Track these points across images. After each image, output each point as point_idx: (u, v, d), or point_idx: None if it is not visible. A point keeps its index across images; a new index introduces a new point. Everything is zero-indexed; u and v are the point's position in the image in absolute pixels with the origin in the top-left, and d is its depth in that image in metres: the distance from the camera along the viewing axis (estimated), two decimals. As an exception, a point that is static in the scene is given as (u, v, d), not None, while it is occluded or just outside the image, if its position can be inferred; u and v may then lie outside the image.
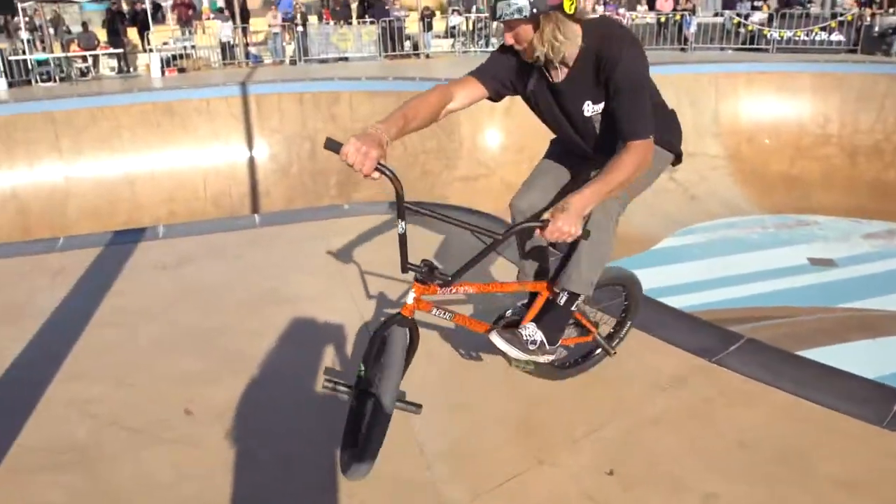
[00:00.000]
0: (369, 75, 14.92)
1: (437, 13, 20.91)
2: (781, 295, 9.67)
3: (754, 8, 17.10)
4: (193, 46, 18.12)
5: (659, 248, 11.33)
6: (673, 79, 14.52)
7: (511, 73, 2.39)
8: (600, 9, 17.93)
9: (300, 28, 17.93)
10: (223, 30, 18.07)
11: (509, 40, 2.20)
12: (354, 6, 19.40)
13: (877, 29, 15.34)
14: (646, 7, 18.61)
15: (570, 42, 2.17)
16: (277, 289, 4.04)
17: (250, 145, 14.26)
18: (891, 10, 16.32)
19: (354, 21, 18.58)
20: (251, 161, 14.19)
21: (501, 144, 12.54)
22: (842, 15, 15.93)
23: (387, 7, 18.31)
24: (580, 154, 2.52)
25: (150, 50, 17.06)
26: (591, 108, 2.31)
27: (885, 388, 2.94)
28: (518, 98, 2.50)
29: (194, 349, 3.35)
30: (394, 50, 17.99)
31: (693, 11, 17.46)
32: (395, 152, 13.71)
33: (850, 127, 13.79)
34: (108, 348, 3.40)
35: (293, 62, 17.90)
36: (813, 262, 10.60)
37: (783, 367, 3.06)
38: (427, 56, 18.51)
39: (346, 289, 3.94)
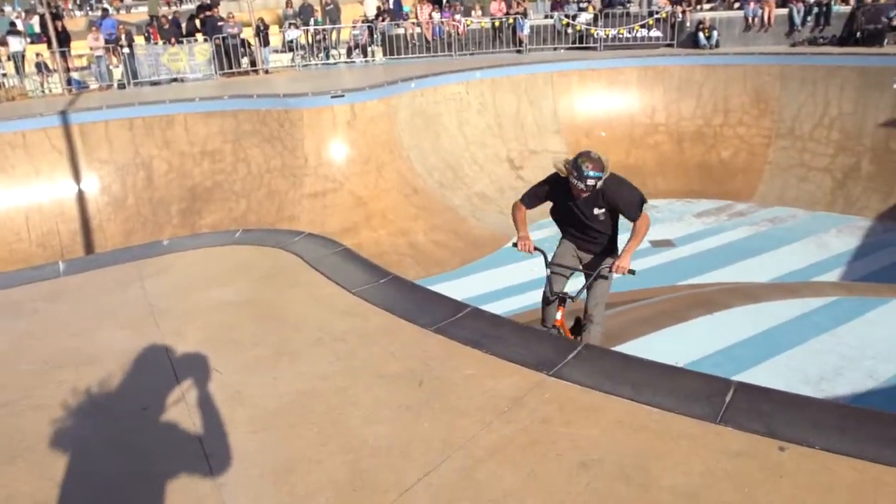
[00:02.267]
0: (204, 95, 14.09)
1: (275, 27, 20.21)
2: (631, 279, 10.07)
3: (580, 9, 17.89)
4: (4, 74, 16.38)
5: (510, 246, 11.46)
6: (512, 80, 14.88)
7: (546, 195, 4.25)
8: (437, 16, 18.05)
9: (126, 49, 16.67)
10: (12, 45, 16.50)
11: (584, 193, 3.86)
12: (184, 24, 18.32)
13: (688, 25, 16.52)
14: (480, 13, 18.94)
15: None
16: (79, 348, 3.53)
17: (77, 179, 13.04)
18: (699, 7, 17.62)
19: (185, 40, 17.54)
20: (80, 196, 12.96)
21: (348, 157, 12.21)
22: (657, 13, 17.03)
23: (219, 23, 17.43)
24: (581, 230, 4.33)
25: (-51, 81, 15.23)
26: (597, 212, 4.11)
27: (717, 380, 2.94)
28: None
29: (-37, 439, 2.80)
30: (230, 67, 17.16)
31: (525, 14, 17.99)
32: (238, 174, 13.14)
33: (675, 115, 14.72)
34: None
35: (122, 86, 16.61)
36: (654, 244, 11.15)
37: (622, 372, 3.00)
38: (266, 72, 17.82)
39: (161, 339, 3.51)
